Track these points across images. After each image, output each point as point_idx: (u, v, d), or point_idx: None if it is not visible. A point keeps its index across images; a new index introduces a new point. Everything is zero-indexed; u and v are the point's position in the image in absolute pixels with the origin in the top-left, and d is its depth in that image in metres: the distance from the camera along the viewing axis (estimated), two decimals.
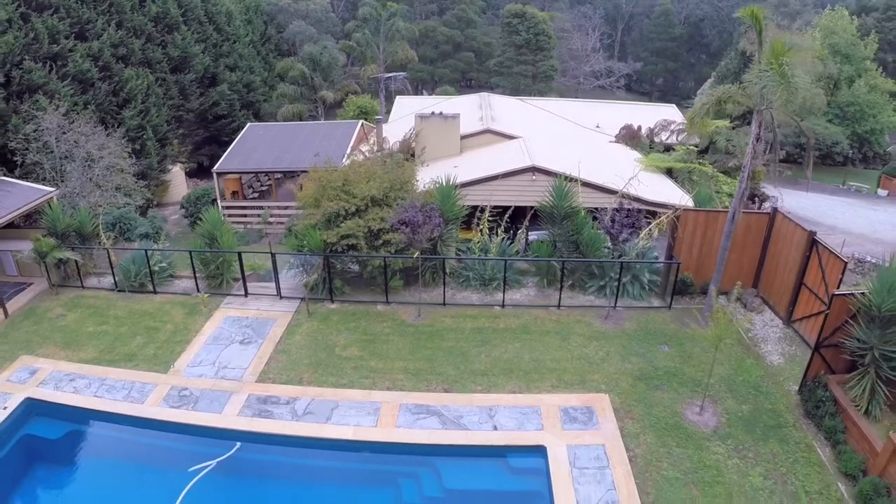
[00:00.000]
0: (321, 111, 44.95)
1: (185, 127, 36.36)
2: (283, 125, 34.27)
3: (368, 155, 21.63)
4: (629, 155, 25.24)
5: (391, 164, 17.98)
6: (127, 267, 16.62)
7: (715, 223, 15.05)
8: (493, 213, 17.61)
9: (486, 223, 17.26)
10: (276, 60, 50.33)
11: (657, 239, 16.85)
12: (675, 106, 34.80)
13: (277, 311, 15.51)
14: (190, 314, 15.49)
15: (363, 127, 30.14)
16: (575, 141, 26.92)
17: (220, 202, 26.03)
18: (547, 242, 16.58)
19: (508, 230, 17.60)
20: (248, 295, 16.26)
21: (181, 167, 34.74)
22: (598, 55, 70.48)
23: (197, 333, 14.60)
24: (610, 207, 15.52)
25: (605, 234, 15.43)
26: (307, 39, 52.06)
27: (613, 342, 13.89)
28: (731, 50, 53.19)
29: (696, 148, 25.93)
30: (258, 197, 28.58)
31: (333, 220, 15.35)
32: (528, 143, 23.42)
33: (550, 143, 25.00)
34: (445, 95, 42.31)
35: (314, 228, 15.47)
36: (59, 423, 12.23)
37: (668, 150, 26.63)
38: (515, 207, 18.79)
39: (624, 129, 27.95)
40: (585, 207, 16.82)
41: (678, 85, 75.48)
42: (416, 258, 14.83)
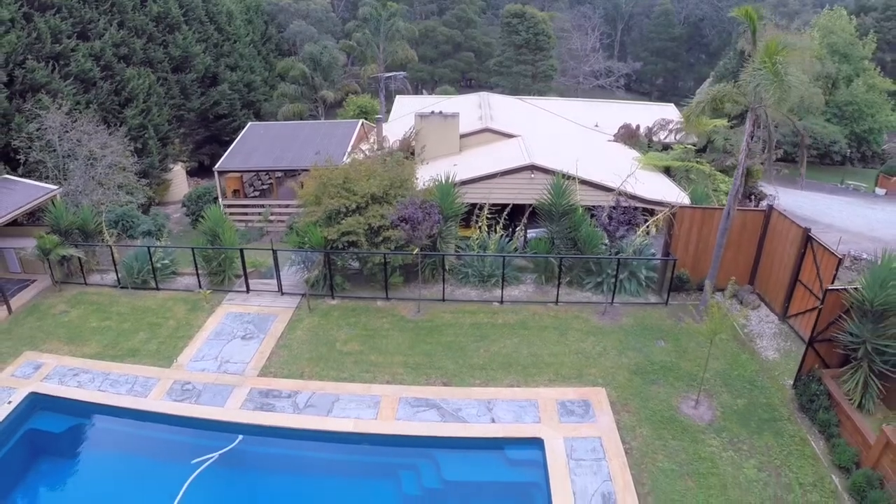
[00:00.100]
0: (321, 111, 45.15)
1: (186, 126, 36.60)
2: (283, 124, 34.44)
3: (369, 153, 21.81)
4: (627, 154, 25.39)
5: (391, 162, 18.17)
6: (130, 264, 16.80)
7: (711, 220, 15.21)
8: (491, 210, 17.79)
9: (484, 221, 17.44)
10: (276, 60, 50.56)
11: (655, 237, 17.04)
12: (673, 105, 34.96)
13: (279, 307, 15.69)
14: (192, 310, 15.66)
15: (363, 126, 30.30)
16: (573, 140, 27.09)
17: (221, 200, 26.19)
18: (545, 240, 16.76)
19: (507, 227, 17.78)
20: (249, 291, 16.44)
21: (182, 166, 34.94)
22: (597, 55, 70.67)
23: (199, 329, 14.77)
24: (607, 205, 15.69)
25: (602, 231, 15.60)
26: (307, 39, 52.25)
27: (610, 337, 14.06)
28: (729, 49, 53.36)
29: (693, 147, 26.08)
30: (259, 195, 28.75)
31: (334, 217, 15.53)
32: (526, 141, 23.58)
33: (549, 142, 25.17)
34: (445, 95, 42.51)
35: (315, 225, 15.66)
36: (63, 417, 12.39)
37: (666, 148, 26.78)
38: (514, 205, 18.97)
39: (622, 128, 28.10)
40: (583, 205, 17.00)
41: (678, 85, 75.63)
42: (415, 255, 15.01)
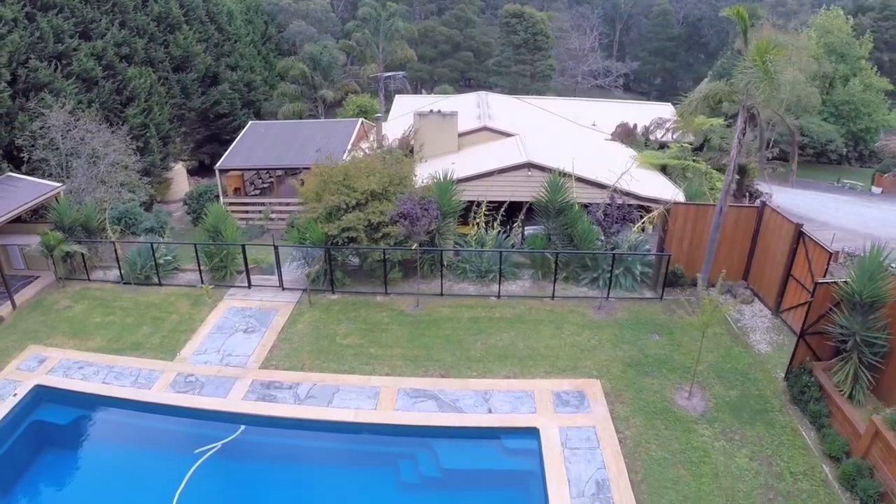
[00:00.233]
0: (321, 110, 45.41)
1: (186, 125, 36.84)
2: (284, 123, 34.69)
3: (368, 152, 22.04)
4: (624, 152, 25.64)
5: (391, 160, 18.42)
6: (133, 260, 17.04)
7: (705, 216, 15.45)
8: (489, 207, 18.04)
9: (482, 217, 17.69)
10: (276, 60, 50.79)
11: (651, 234, 17.29)
12: (670, 105, 35.21)
13: (280, 301, 15.93)
14: (195, 305, 15.90)
15: (363, 125, 30.53)
16: (571, 139, 27.35)
17: (222, 199, 26.42)
18: (542, 236, 17.02)
19: (505, 224, 18.04)
20: (251, 287, 16.67)
21: (183, 165, 35.17)
22: (595, 55, 70.94)
23: (202, 323, 15.01)
24: (602, 202, 15.94)
25: (596, 226, 15.84)
26: (307, 39, 52.49)
27: (605, 331, 14.30)
28: (727, 49, 53.68)
29: (690, 145, 26.35)
30: (260, 194, 28.97)
31: (334, 213, 15.78)
32: (524, 140, 23.83)
33: (546, 140, 25.42)
34: (444, 94, 42.77)
35: (315, 222, 15.91)
36: (68, 408, 12.58)
37: (662, 147, 27.05)
38: (511, 202, 19.20)
39: (619, 127, 28.39)
40: (579, 202, 17.24)
41: (676, 84, 75.84)
42: (414, 250, 15.27)
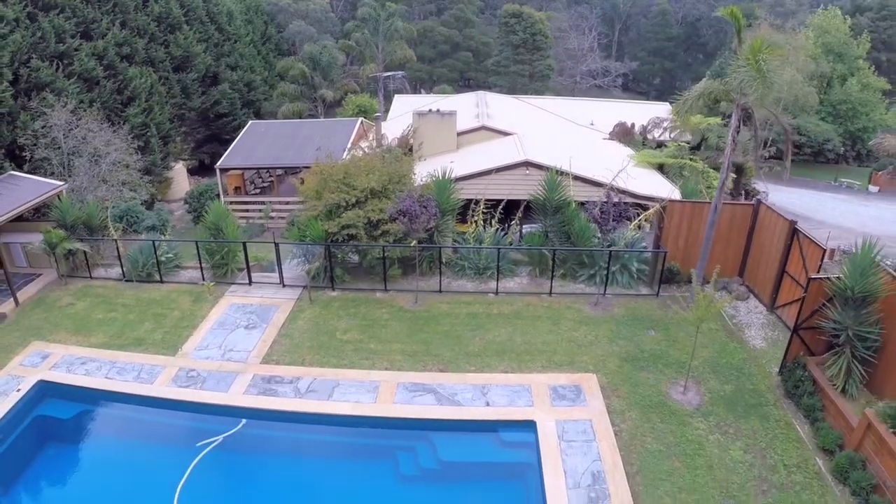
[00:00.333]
0: (321, 110, 45.59)
1: (187, 125, 37.03)
2: (284, 123, 34.85)
3: (368, 151, 22.20)
4: (622, 151, 25.82)
5: (390, 158, 18.59)
6: (135, 257, 17.19)
7: (700, 214, 15.62)
8: (487, 205, 18.22)
9: (480, 215, 17.87)
10: (276, 60, 51.00)
11: (647, 232, 17.47)
12: (668, 104, 35.36)
13: (280, 298, 16.09)
14: (196, 301, 16.06)
15: (362, 124, 30.70)
16: (569, 138, 27.53)
17: (222, 198, 26.58)
18: (539, 233, 17.19)
19: (503, 222, 18.22)
20: (252, 283, 16.83)
21: (183, 164, 35.34)
22: (594, 55, 71.15)
23: (203, 319, 15.17)
24: (599, 200, 16.12)
25: (593, 224, 16.01)
26: (307, 39, 52.69)
27: (602, 327, 14.46)
28: (725, 49, 53.88)
29: (687, 144, 26.54)
30: (260, 193, 29.15)
31: (334, 211, 15.95)
32: (522, 139, 24.01)
33: (544, 139, 25.60)
34: (443, 94, 42.96)
35: (316, 219, 16.09)
36: (71, 403, 12.71)
37: (660, 146, 27.24)
38: (509, 201, 19.38)
39: (617, 126, 28.57)
40: (577, 200, 17.42)
41: (675, 84, 75.95)
42: (413, 247, 15.43)
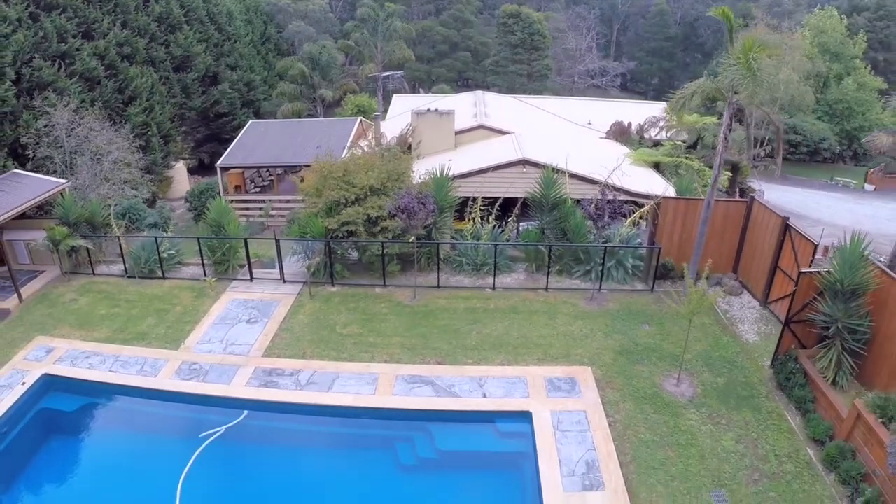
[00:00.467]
0: (320, 110, 45.80)
1: (187, 124, 37.23)
2: (284, 122, 35.06)
3: (367, 149, 22.41)
4: (618, 150, 26.04)
5: (389, 156, 18.82)
6: (137, 254, 17.42)
7: (694, 211, 15.85)
8: (484, 203, 18.45)
9: (478, 212, 18.11)
10: (275, 60, 51.18)
11: (643, 229, 17.69)
12: (665, 104, 35.57)
13: (281, 293, 16.33)
14: (198, 297, 16.30)
15: (361, 123, 30.90)
16: (566, 136, 27.76)
17: (223, 196, 26.77)
18: (536, 230, 17.44)
19: (500, 219, 18.45)
20: (253, 279, 17.07)
21: (184, 163, 35.53)
22: (592, 54, 71.40)
23: (205, 314, 15.40)
24: (594, 197, 16.34)
25: (587, 219, 16.23)
26: (306, 39, 52.90)
27: (597, 321, 14.71)
28: (723, 49, 54.00)
29: (683, 143, 26.74)
30: (260, 191, 29.37)
31: (334, 207, 16.20)
32: (519, 138, 24.22)
33: (542, 138, 25.82)
34: (442, 94, 43.19)
35: (316, 216, 16.33)
36: (75, 396, 12.92)
37: (656, 145, 27.44)
38: (506, 198, 19.61)
39: (614, 125, 28.76)
40: (573, 198, 17.66)
41: (673, 84, 75.64)
42: (412, 244, 15.67)
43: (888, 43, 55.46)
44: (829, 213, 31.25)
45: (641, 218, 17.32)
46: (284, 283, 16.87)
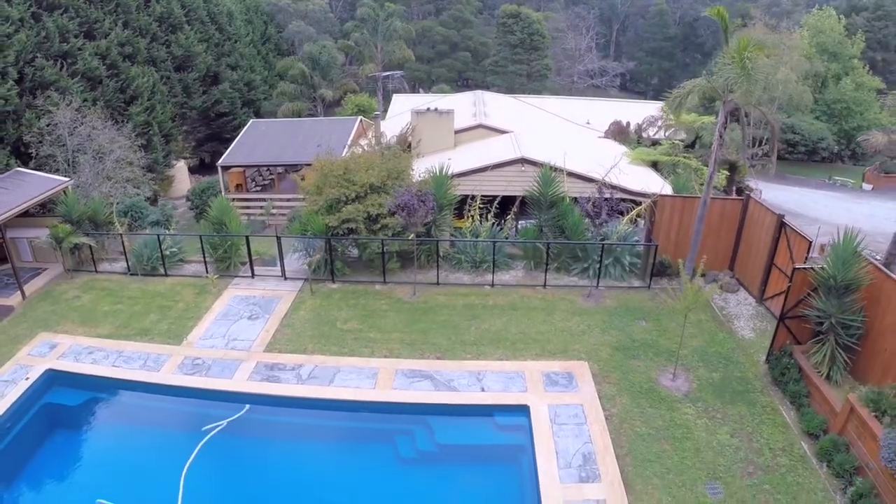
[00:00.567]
0: (320, 109, 45.97)
1: (188, 124, 37.44)
2: (284, 121, 35.23)
3: (367, 148, 22.58)
4: (617, 149, 26.19)
5: (389, 155, 19.00)
6: (139, 251, 17.59)
7: (691, 208, 16.01)
8: (483, 201, 18.62)
9: (477, 210, 18.28)
10: (276, 60, 51.37)
11: (640, 227, 17.85)
12: (663, 103, 35.70)
13: (282, 290, 16.50)
14: (200, 294, 16.47)
15: (362, 123, 31.08)
16: (565, 136, 27.91)
17: (224, 195, 26.91)
18: (534, 228, 17.61)
19: (499, 217, 18.62)
20: (254, 276, 17.23)
21: (184, 162, 35.72)
22: (592, 54, 71.55)
23: (207, 310, 15.57)
24: (591, 194, 16.51)
25: (585, 217, 16.40)
26: (306, 39, 53.07)
27: (595, 317, 14.87)
28: (721, 49, 54.21)
29: (681, 143, 26.89)
30: (261, 190, 29.55)
31: (335, 205, 16.38)
32: (518, 137, 24.36)
33: (540, 137, 25.97)
34: (441, 94, 43.35)
35: (317, 213, 16.51)
36: (79, 391, 13.07)
37: (655, 144, 27.58)
38: (505, 196, 19.77)
39: (613, 125, 28.89)
40: (571, 196, 17.81)
41: (672, 84, 75.59)
42: (411, 241, 15.84)
43: (886, 43, 55.65)
44: (826, 212, 31.34)
45: (639, 216, 17.48)
46: (286, 279, 17.04)
